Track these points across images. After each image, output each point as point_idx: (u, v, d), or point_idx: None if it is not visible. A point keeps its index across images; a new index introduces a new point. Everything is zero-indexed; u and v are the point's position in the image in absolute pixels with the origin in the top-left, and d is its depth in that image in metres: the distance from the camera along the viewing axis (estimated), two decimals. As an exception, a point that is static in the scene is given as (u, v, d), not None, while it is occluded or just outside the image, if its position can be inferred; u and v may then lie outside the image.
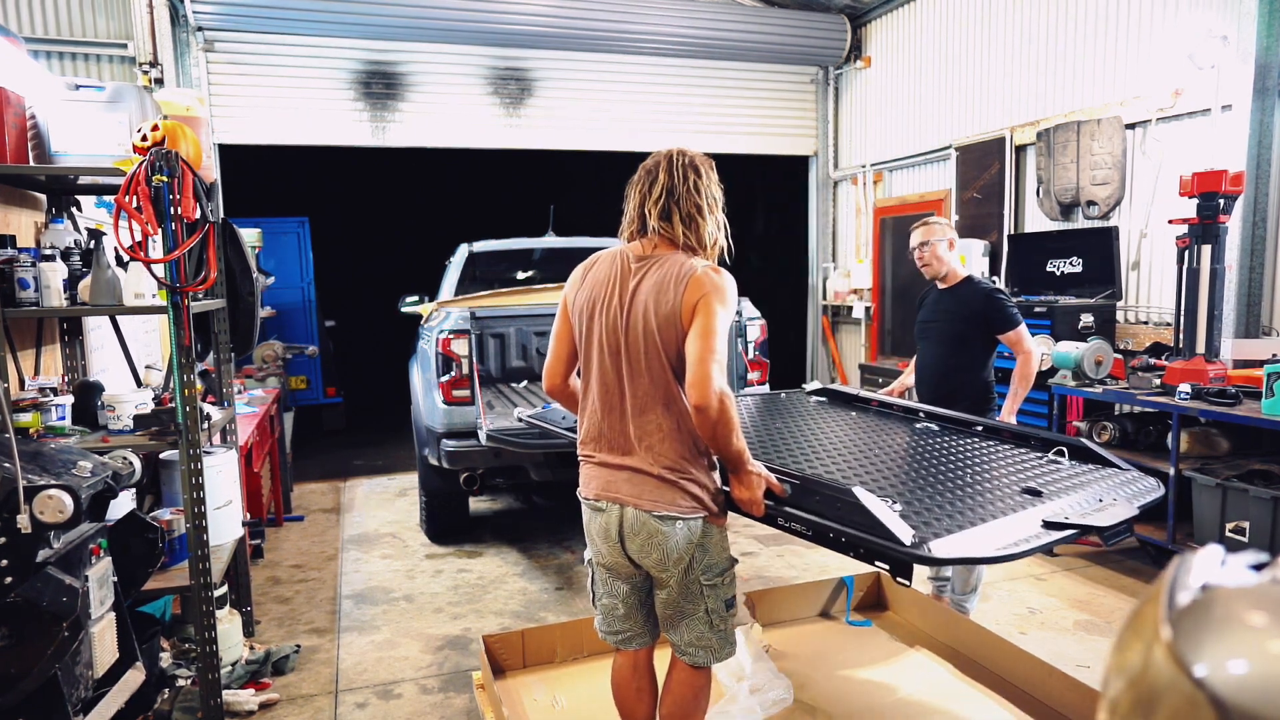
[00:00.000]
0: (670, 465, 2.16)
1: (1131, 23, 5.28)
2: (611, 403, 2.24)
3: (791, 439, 3.01)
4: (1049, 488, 2.42)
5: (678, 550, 2.18)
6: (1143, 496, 2.43)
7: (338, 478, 7.19)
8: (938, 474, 2.57)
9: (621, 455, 2.22)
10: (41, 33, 6.04)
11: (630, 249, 2.27)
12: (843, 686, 3.20)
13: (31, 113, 2.93)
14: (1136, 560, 4.73)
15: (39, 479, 2.18)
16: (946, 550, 1.97)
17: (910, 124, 7.47)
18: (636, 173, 2.29)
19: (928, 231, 3.73)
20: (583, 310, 2.28)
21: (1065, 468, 2.68)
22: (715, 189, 2.27)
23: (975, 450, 2.90)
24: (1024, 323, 3.62)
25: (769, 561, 4.86)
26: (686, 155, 2.26)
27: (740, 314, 5.34)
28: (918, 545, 1.94)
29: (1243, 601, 0.52)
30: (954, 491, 2.40)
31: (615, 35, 7.37)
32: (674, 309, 2.11)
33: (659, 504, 2.16)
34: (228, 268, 3.73)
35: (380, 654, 3.78)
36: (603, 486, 2.25)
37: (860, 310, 8.05)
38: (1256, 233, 4.68)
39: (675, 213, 2.19)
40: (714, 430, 2.07)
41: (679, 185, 2.20)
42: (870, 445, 2.96)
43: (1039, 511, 2.20)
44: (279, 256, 8.51)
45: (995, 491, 2.41)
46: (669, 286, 2.12)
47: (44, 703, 2.13)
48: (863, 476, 2.53)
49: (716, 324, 2.07)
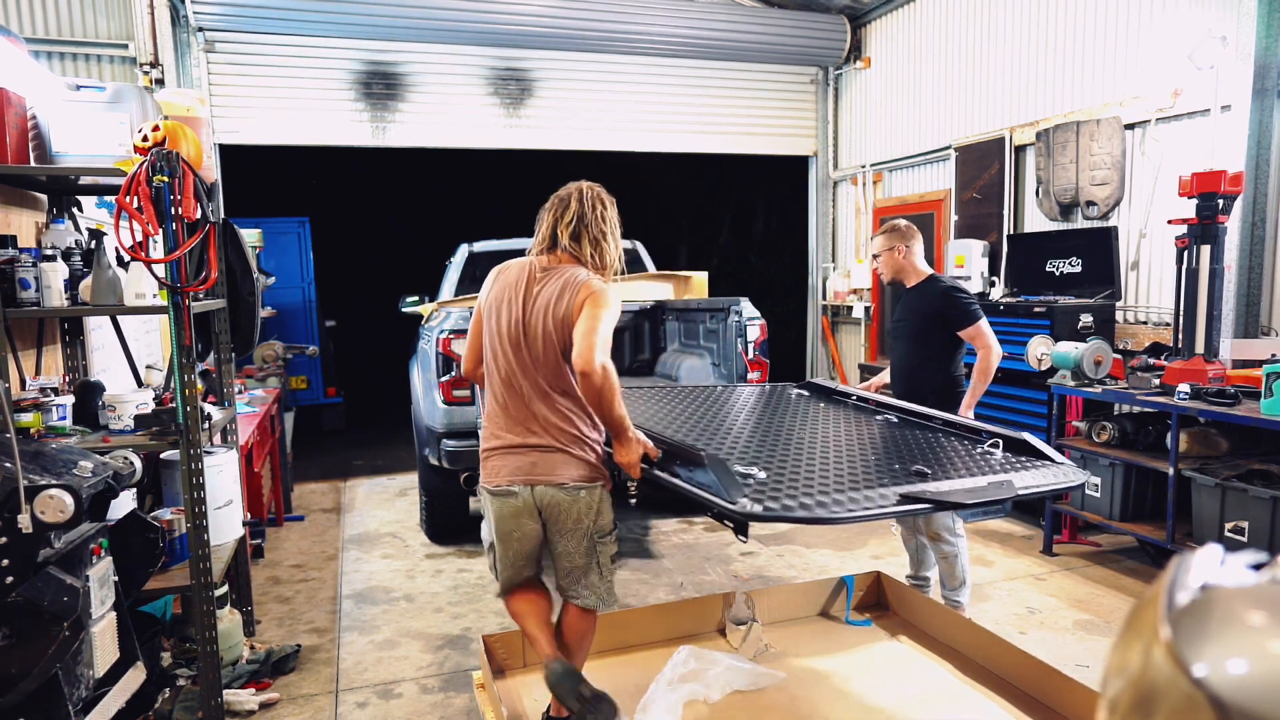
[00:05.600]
0: (571, 441, 2.55)
1: (1131, 23, 5.29)
2: (512, 389, 2.58)
3: (731, 423, 3.33)
4: (949, 472, 2.60)
5: (580, 514, 2.58)
6: (1047, 485, 2.57)
7: (338, 478, 7.19)
8: (837, 455, 2.83)
9: (526, 437, 2.57)
10: (42, 33, 6.03)
11: (538, 261, 2.64)
12: (842, 686, 3.20)
13: (32, 113, 2.93)
14: (1136, 560, 4.73)
15: (40, 479, 2.18)
16: (762, 509, 2.19)
17: (910, 124, 7.47)
18: (549, 200, 2.67)
19: (879, 243, 3.88)
20: (491, 307, 2.64)
21: (995, 458, 2.80)
22: (616, 220, 2.69)
23: (905, 439, 3.08)
24: (984, 319, 3.67)
25: (769, 561, 4.86)
26: (595, 190, 2.67)
27: (740, 314, 5.36)
28: (739, 502, 2.18)
29: (1242, 601, 0.52)
30: (836, 468, 2.65)
31: (615, 35, 7.36)
32: (568, 310, 2.50)
33: (567, 477, 2.54)
34: (228, 268, 3.73)
35: (380, 654, 3.78)
36: (513, 471, 2.58)
37: (860, 310, 8.06)
38: (1255, 233, 4.68)
39: (584, 236, 2.60)
40: (599, 395, 2.39)
41: (589, 213, 2.61)
42: (796, 430, 3.22)
43: (905, 489, 2.39)
44: (279, 256, 8.51)
45: (877, 470, 2.63)
46: (565, 292, 2.52)
47: (45, 702, 2.13)
48: (757, 452, 2.82)
49: (601, 314, 2.45)
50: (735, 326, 5.38)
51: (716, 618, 3.70)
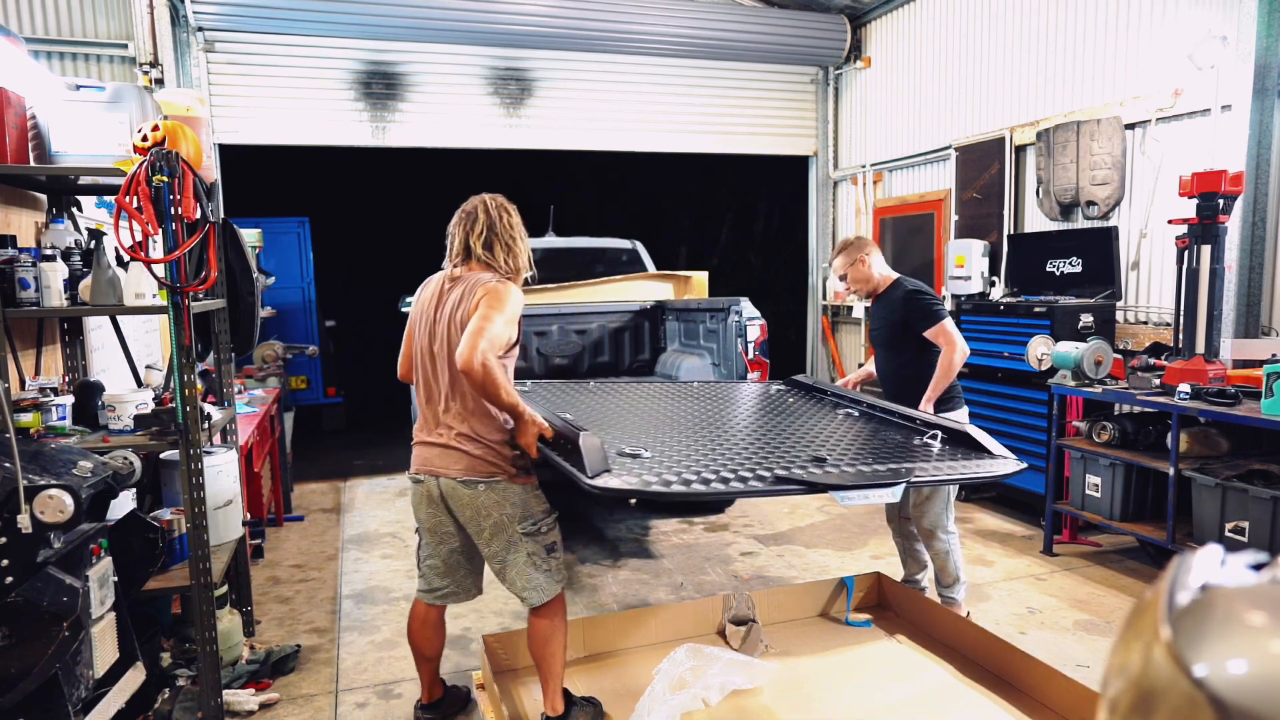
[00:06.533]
0: (469, 439, 2.68)
1: (1131, 23, 5.28)
2: (429, 392, 2.80)
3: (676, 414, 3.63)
4: (852, 461, 2.74)
5: (485, 508, 2.69)
6: (958, 474, 2.71)
7: (338, 478, 7.19)
8: (746, 441, 3.03)
9: (435, 434, 2.76)
10: (42, 33, 6.03)
11: (451, 273, 2.83)
12: (842, 686, 3.20)
13: (32, 113, 2.93)
14: (1136, 560, 4.73)
15: (39, 479, 2.18)
16: (619, 483, 2.39)
17: (910, 124, 7.47)
18: (455, 216, 2.85)
19: (840, 265, 3.85)
20: (414, 320, 2.87)
21: (934, 449, 2.96)
22: (521, 225, 2.87)
23: (842, 430, 3.28)
24: (947, 318, 3.64)
25: (769, 561, 4.86)
26: (498, 200, 2.85)
27: (740, 314, 5.36)
28: (598, 475, 2.38)
29: (1242, 601, 0.52)
30: (732, 452, 2.82)
31: (615, 35, 7.36)
32: (465, 313, 2.64)
33: (461, 471, 2.69)
34: (228, 268, 3.73)
35: (380, 654, 3.78)
36: (421, 462, 2.80)
37: (860, 310, 8.05)
38: (1256, 233, 4.68)
39: (496, 243, 2.79)
40: (483, 389, 2.54)
41: (498, 222, 2.79)
42: (729, 419, 3.49)
43: (784, 472, 2.54)
44: (279, 256, 8.51)
45: (777, 455, 2.78)
46: (468, 295, 2.68)
47: (44, 702, 2.13)
48: (671, 437, 3.08)
49: (492, 314, 2.57)
50: (735, 326, 5.39)
51: (716, 619, 3.70)
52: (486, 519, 2.71)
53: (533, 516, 2.75)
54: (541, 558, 2.76)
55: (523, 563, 2.74)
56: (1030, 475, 5.26)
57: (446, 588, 2.95)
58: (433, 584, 2.95)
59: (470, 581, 3.00)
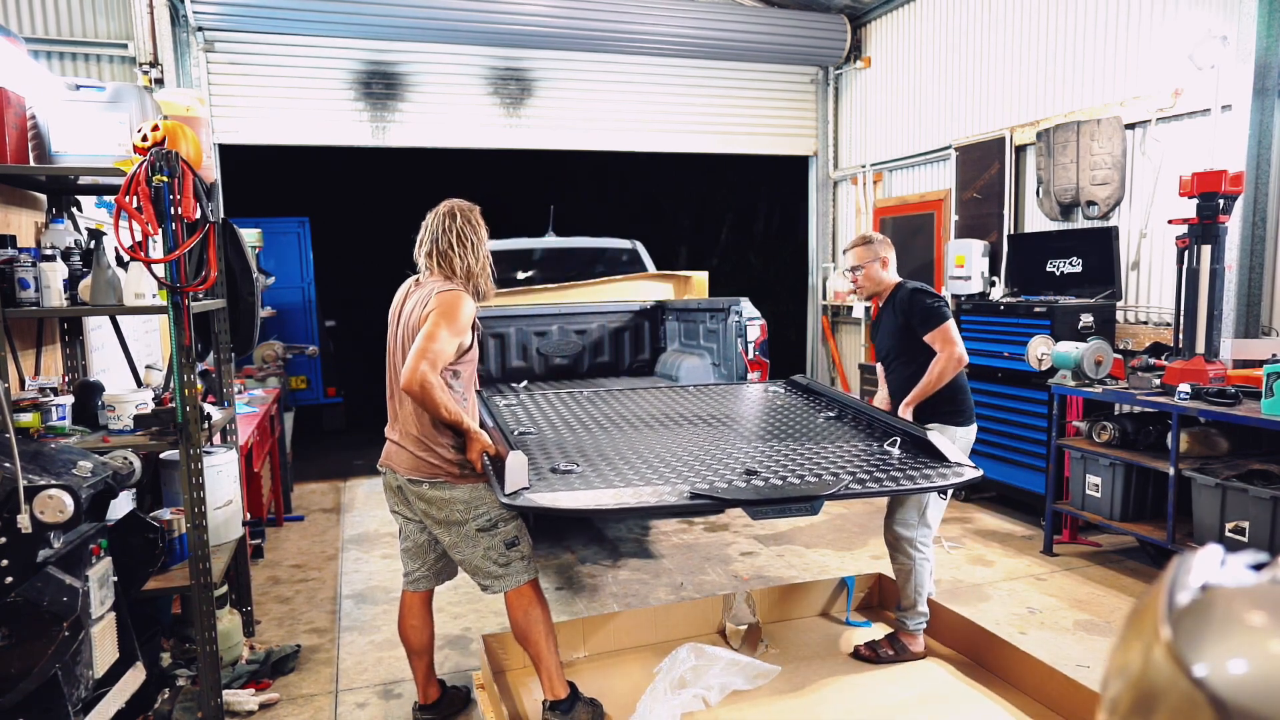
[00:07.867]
0: (416, 439, 2.78)
1: (1131, 23, 5.28)
2: (390, 389, 2.92)
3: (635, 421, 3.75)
4: (782, 474, 2.80)
5: (434, 504, 2.79)
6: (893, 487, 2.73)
7: (338, 478, 7.19)
8: (679, 453, 3.09)
9: (393, 430, 2.90)
10: (42, 33, 6.03)
11: (416, 278, 2.94)
12: (842, 686, 3.20)
13: (32, 113, 2.93)
14: (1137, 560, 4.73)
15: (39, 479, 2.18)
16: (546, 500, 2.50)
17: (910, 124, 7.47)
18: (422, 228, 2.93)
19: (859, 255, 3.59)
20: (389, 324, 2.97)
21: (893, 457, 3.00)
22: (477, 229, 2.93)
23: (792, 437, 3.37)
24: (949, 321, 3.39)
25: (769, 561, 4.86)
26: (463, 207, 2.93)
27: (740, 314, 5.36)
28: (514, 494, 2.49)
29: (1242, 601, 0.52)
30: (662, 465, 2.91)
31: (615, 35, 7.36)
32: (417, 321, 2.73)
33: (406, 470, 2.81)
34: (228, 268, 3.73)
35: (380, 654, 3.78)
36: (385, 456, 2.94)
37: (860, 310, 8.05)
38: (1256, 233, 4.68)
39: (451, 251, 2.86)
40: (424, 406, 2.66)
41: (465, 229, 2.88)
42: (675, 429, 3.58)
43: (704, 489, 2.61)
44: (279, 256, 8.51)
45: (710, 468, 2.85)
46: (422, 303, 2.77)
47: (44, 702, 2.13)
48: (615, 450, 3.15)
49: (437, 331, 2.64)
50: (735, 326, 5.39)
51: (717, 619, 3.70)
52: (438, 514, 2.81)
53: (486, 513, 2.80)
54: (499, 551, 2.82)
55: (480, 557, 2.82)
56: (1030, 475, 5.30)
57: (416, 571, 3.07)
58: (406, 567, 3.10)
59: (441, 565, 3.08)
